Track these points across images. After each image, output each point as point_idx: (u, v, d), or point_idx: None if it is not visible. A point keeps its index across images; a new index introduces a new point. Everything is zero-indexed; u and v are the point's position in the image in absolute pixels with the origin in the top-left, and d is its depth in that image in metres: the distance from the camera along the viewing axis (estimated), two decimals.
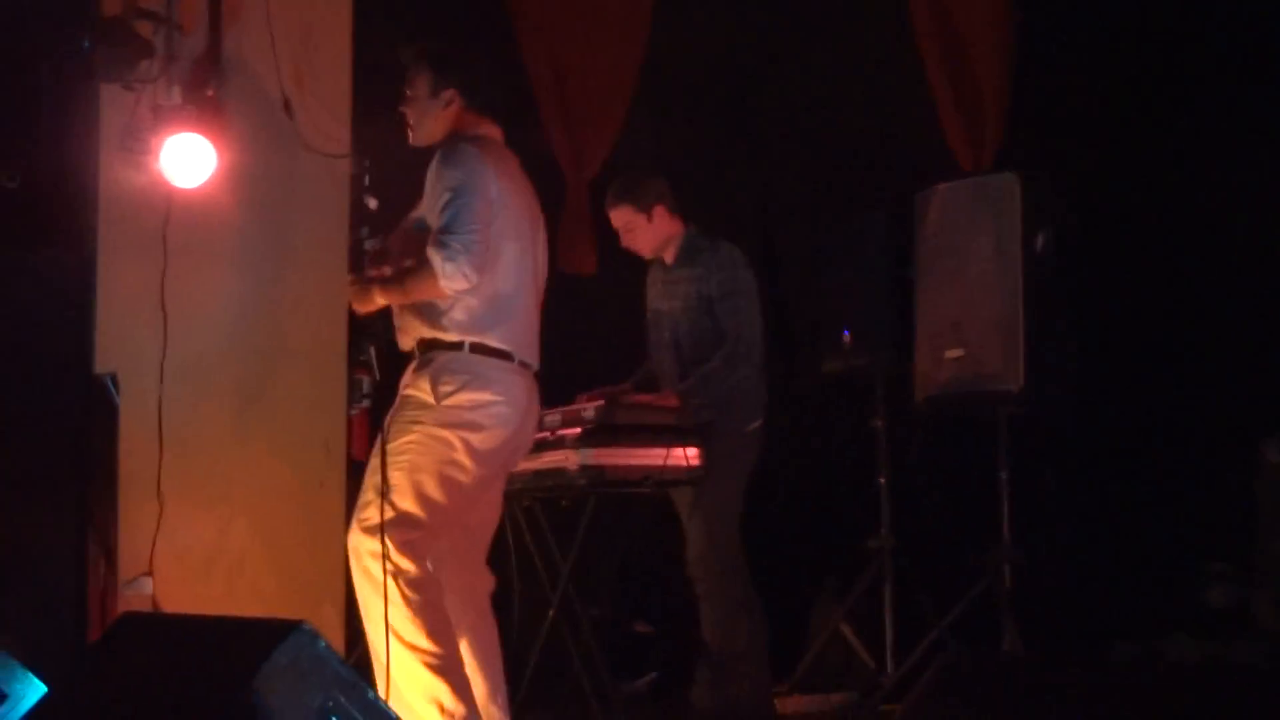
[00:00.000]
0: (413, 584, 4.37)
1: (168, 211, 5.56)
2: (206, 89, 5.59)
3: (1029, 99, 6.53)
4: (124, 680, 3.77)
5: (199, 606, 5.34)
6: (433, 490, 4.46)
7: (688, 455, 5.45)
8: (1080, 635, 5.86)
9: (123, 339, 5.56)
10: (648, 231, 5.90)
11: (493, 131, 4.73)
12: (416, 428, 4.49)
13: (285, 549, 5.82)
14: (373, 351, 5.77)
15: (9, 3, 5.30)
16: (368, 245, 5.81)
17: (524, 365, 4.60)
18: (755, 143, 7.32)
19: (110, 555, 5.43)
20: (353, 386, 5.91)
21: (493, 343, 4.54)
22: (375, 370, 5.80)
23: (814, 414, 6.93)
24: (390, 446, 4.48)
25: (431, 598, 4.40)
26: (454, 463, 4.47)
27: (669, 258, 5.95)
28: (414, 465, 4.46)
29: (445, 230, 4.44)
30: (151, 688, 3.67)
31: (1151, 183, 6.27)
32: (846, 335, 6.35)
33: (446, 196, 4.48)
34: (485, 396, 4.51)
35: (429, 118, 4.72)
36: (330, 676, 3.41)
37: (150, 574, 5.48)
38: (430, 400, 4.50)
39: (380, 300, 4.64)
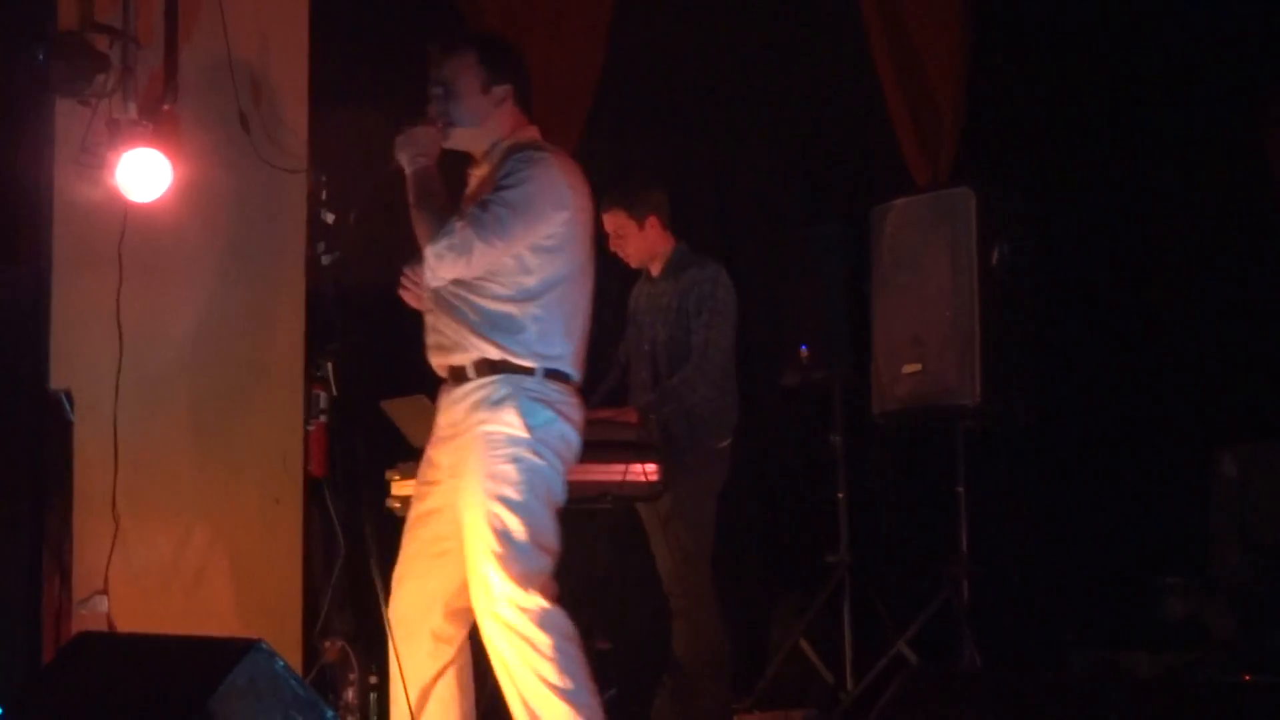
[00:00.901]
0: (547, 624, 4.18)
1: (123, 226, 5.53)
2: (163, 103, 5.56)
3: (983, 113, 6.56)
4: (79, 700, 3.74)
5: (155, 625, 5.30)
6: (548, 523, 4.27)
7: (646, 471, 5.45)
8: (1038, 648, 5.88)
9: (77, 354, 5.52)
10: (638, 239, 5.93)
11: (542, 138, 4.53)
12: (519, 465, 4.24)
13: (243, 566, 5.78)
14: (330, 367, 5.75)
15: None
16: (325, 260, 5.80)
17: (580, 392, 4.44)
18: (712, 155, 7.32)
19: (65, 573, 5.38)
20: (310, 401, 5.88)
21: (564, 368, 4.35)
22: (333, 385, 5.77)
23: (772, 428, 6.94)
24: (496, 490, 4.20)
25: (568, 633, 4.22)
26: (554, 494, 4.31)
27: (655, 270, 5.98)
28: (528, 505, 4.23)
29: (479, 213, 4.23)
30: (107, 708, 3.64)
31: (1106, 195, 6.30)
32: (804, 350, 6.36)
33: (510, 185, 4.26)
34: (568, 430, 4.34)
35: (478, 116, 4.43)
36: (289, 696, 3.39)
37: (105, 592, 5.43)
38: (523, 434, 4.25)
39: (407, 168, 4.39)
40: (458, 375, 4.36)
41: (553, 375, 4.30)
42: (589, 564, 6.33)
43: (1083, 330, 6.28)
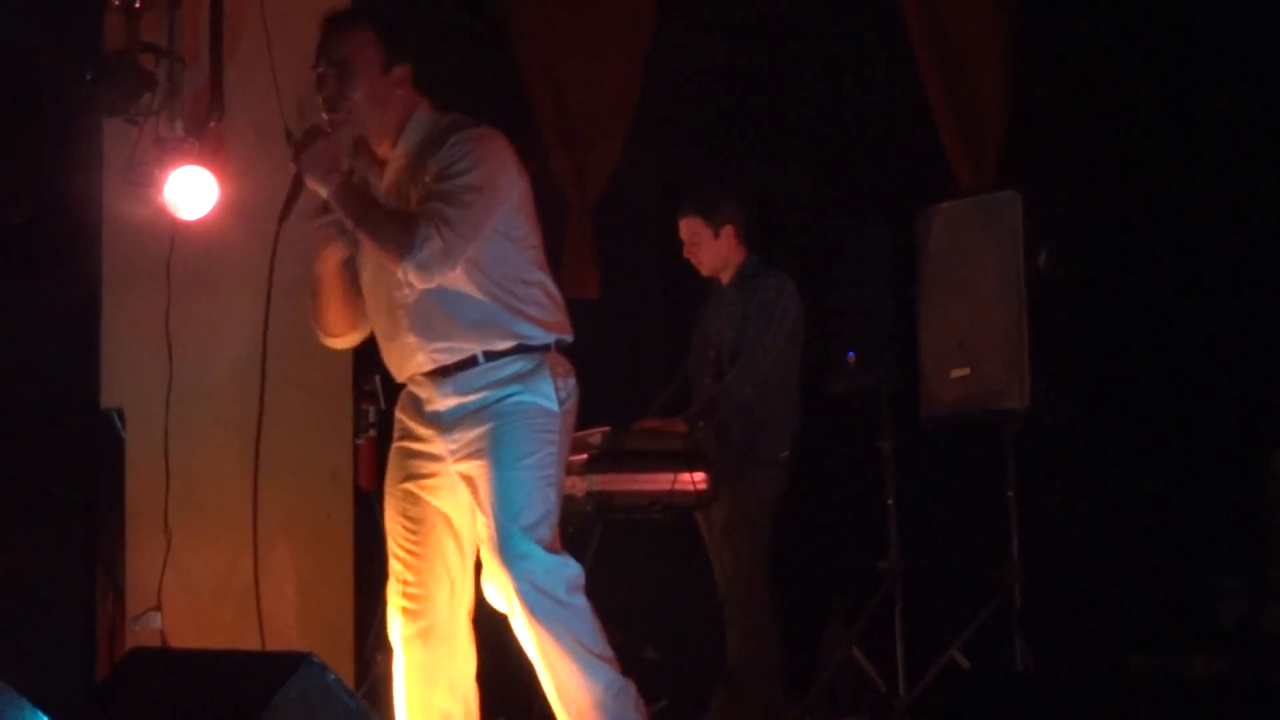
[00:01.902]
0: (579, 587, 4.11)
1: (172, 244, 5.57)
2: (209, 121, 5.60)
3: (1029, 115, 6.53)
4: (133, 716, 3.76)
5: (208, 640, 5.33)
6: (555, 499, 4.15)
7: (695, 480, 5.44)
8: (1092, 652, 5.84)
9: (128, 372, 5.55)
10: (712, 248, 5.95)
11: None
12: (552, 438, 4.13)
13: (294, 580, 5.81)
14: (378, 381, 5.79)
15: (12, 37, 5.30)
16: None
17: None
18: (756, 162, 7.32)
19: (118, 590, 5.42)
20: (359, 416, 5.90)
21: (567, 336, 4.24)
22: (381, 399, 5.81)
23: (820, 435, 6.92)
24: (532, 461, 4.08)
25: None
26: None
27: (725, 279, 5.99)
28: (555, 479, 4.13)
29: (443, 208, 3.98)
30: None
31: (1152, 197, 6.26)
32: (851, 356, 6.34)
33: (466, 169, 4.02)
34: (574, 400, 4.23)
35: (379, 99, 4.13)
36: (340, 710, 3.41)
37: (159, 608, 5.47)
38: (554, 408, 4.14)
39: (323, 191, 4.07)
40: (462, 365, 4.15)
41: (562, 346, 4.22)
42: (640, 574, 6.33)
43: (1131, 332, 6.24)
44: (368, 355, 5.82)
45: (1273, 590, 5.38)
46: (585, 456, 5.37)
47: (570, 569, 4.10)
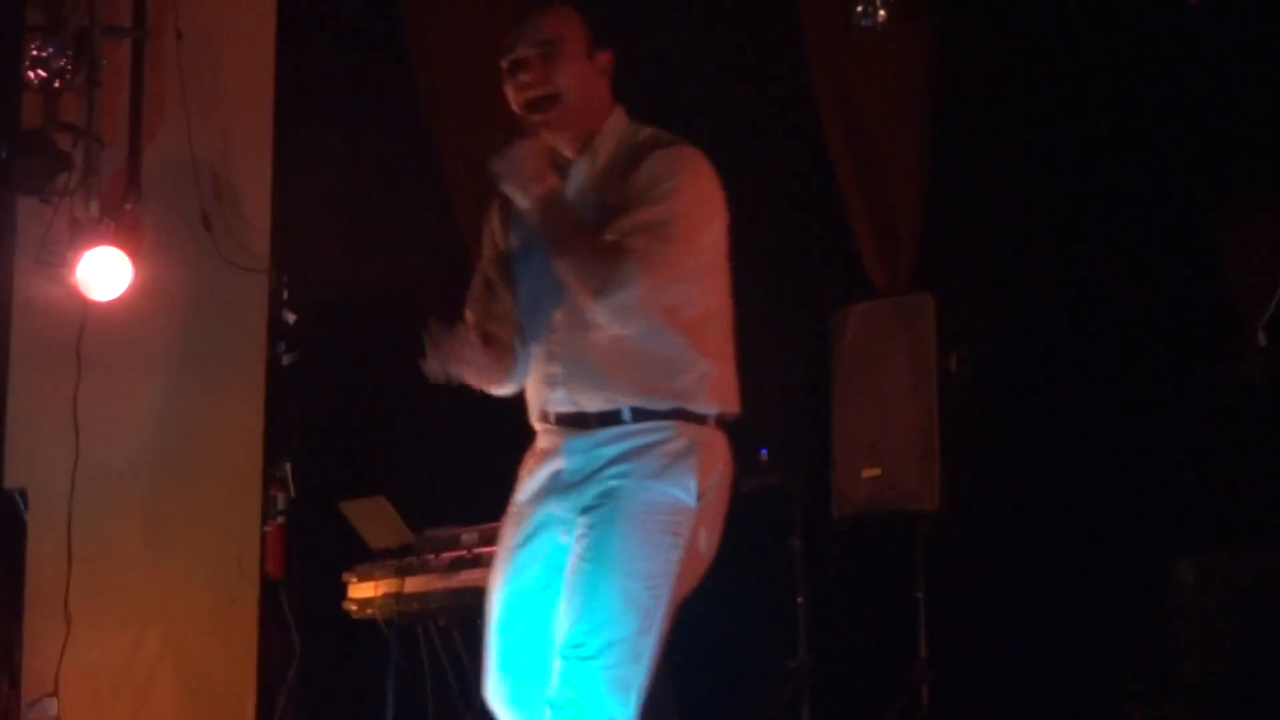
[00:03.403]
0: None
1: (83, 325, 5.52)
2: (125, 202, 5.57)
3: (944, 219, 6.61)
4: None
5: None
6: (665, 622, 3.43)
7: None
8: None
9: (33, 453, 5.49)
10: None
11: None
12: (679, 544, 3.45)
13: (196, 668, 5.72)
14: (288, 468, 5.75)
15: None
16: (285, 360, 5.80)
17: None
18: None
19: (14, 675, 5.32)
20: (267, 502, 5.85)
21: (733, 412, 3.58)
22: (291, 486, 5.77)
23: (730, 532, 6.90)
24: (644, 569, 3.37)
25: None
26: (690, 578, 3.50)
27: None
28: (667, 596, 3.43)
29: (651, 242, 3.36)
30: None
31: (1065, 302, 6.34)
32: (764, 454, 6.35)
33: (666, 194, 3.41)
34: (726, 493, 3.58)
35: (587, 89, 3.52)
36: None
37: (55, 694, 5.37)
38: (691, 503, 3.46)
39: (524, 201, 3.43)
40: (604, 419, 3.45)
41: (724, 423, 3.55)
42: None
43: (1042, 437, 6.30)
44: (278, 441, 5.80)
45: (1178, 694, 5.41)
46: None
47: None
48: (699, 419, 3.45)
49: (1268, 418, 5.69)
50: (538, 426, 3.59)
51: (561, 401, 3.48)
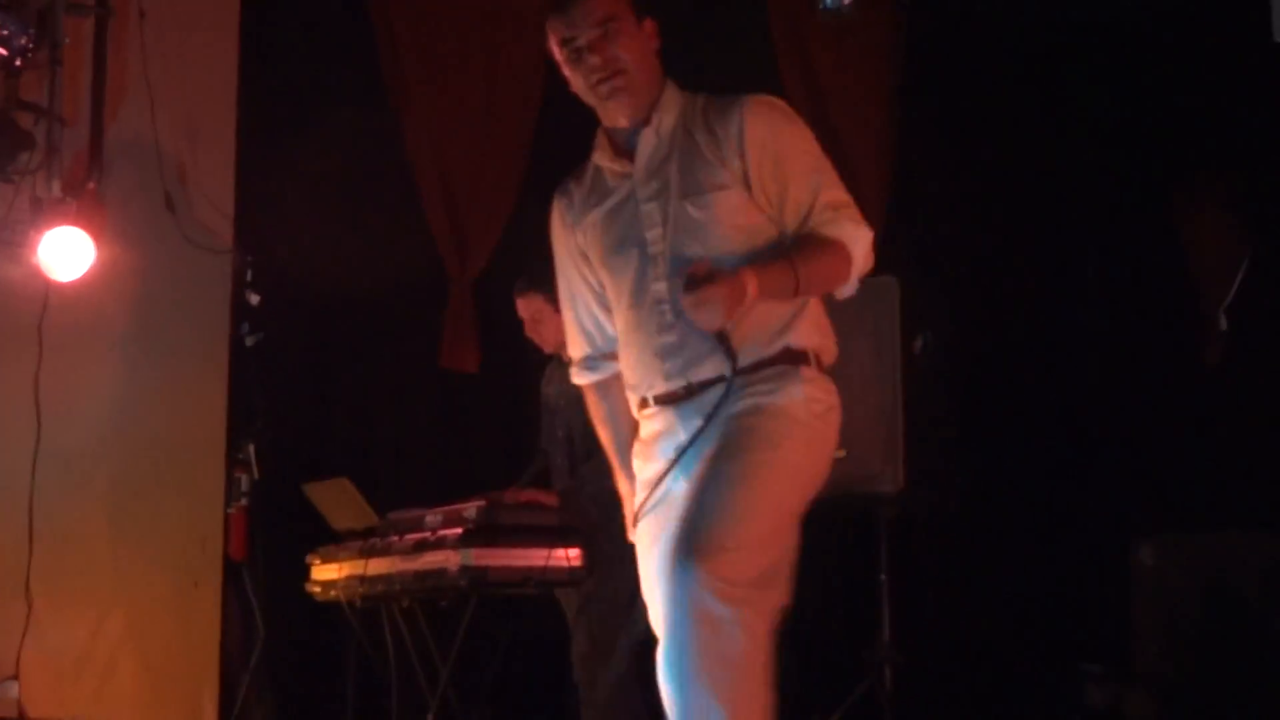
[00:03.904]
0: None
1: (45, 305, 5.49)
2: (87, 182, 5.54)
3: (909, 202, 6.63)
4: None
5: (68, 710, 5.22)
6: (790, 539, 3.46)
7: (569, 556, 5.41)
8: None
9: None
10: (554, 323, 5.88)
11: None
12: (788, 443, 3.40)
13: (159, 651, 5.71)
14: (252, 449, 5.72)
15: None
16: (248, 341, 5.78)
17: None
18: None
19: None
20: (231, 484, 5.83)
21: (830, 360, 3.59)
22: (254, 468, 5.75)
23: None
24: (760, 459, 3.33)
25: None
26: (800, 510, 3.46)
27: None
28: (787, 497, 3.43)
29: (838, 195, 3.47)
30: None
31: (1028, 286, 6.37)
32: None
33: (807, 160, 3.48)
34: (834, 434, 3.55)
35: (645, 61, 3.48)
36: None
37: (16, 677, 5.35)
38: (803, 415, 3.44)
39: (753, 293, 3.25)
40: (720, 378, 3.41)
41: (827, 367, 3.58)
42: (511, 651, 6.29)
43: (1005, 420, 6.33)
44: (242, 422, 5.78)
45: (1137, 678, 5.45)
46: (460, 531, 5.33)
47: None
48: (801, 357, 3.47)
49: (1229, 401, 5.73)
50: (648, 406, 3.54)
51: (674, 376, 3.45)
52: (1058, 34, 6.26)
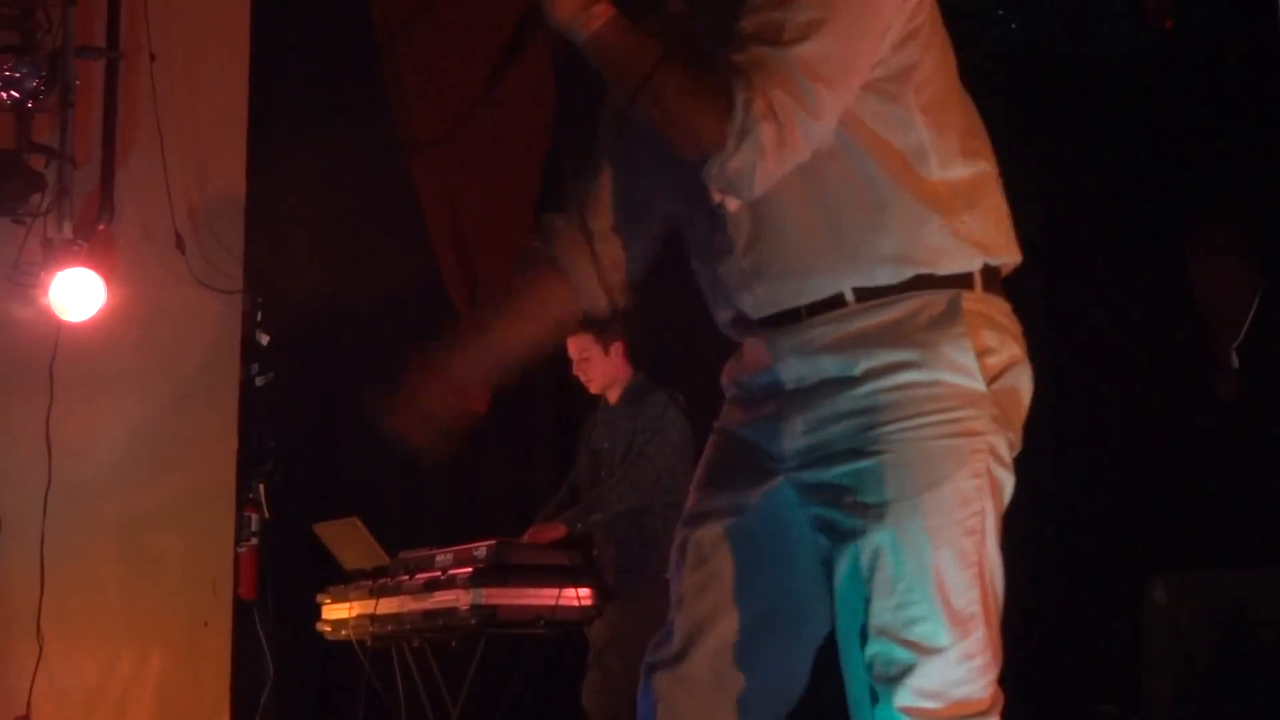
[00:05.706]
0: None
1: (56, 346, 5.50)
2: (98, 224, 5.56)
3: None
4: None
5: None
6: (998, 570, 2.56)
7: (580, 595, 5.41)
8: None
9: (5, 474, 5.47)
10: (602, 365, 5.90)
11: None
12: (978, 443, 2.53)
13: (169, 690, 5.70)
14: (262, 489, 5.73)
15: None
16: (259, 381, 5.79)
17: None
18: (648, 280, 7.34)
19: None
20: (241, 524, 5.83)
21: (1012, 258, 2.65)
22: (265, 508, 5.75)
23: None
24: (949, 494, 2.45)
25: None
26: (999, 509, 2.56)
27: (613, 398, 5.95)
28: (984, 528, 2.55)
29: (776, 53, 2.31)
30: None
31: (1041, 325, 6.36)
32: None
33: None
34: (1026, 379, 2.62)
35: None
36: None
37: (27, 717, 5.34)
38: (979, 386, 2.51)
39: (577, 35, 2.40)
40: (816, 309, 2.51)
41: (994, 283, 2.61)
42: (521, 691, 6.28)
43: (1017, 456, 6.31)
44: (252, 463, 5.78)
45: (1149, 713, 5.43)
46: (470, 570, 5.33)
47: None
48: (958, 280, 2.56)
49: (1241, 438, 5.71)
50: (738, 337, 2.82)
51: (757, 304, 2.64)
52: (1069, 70, 6.27)
